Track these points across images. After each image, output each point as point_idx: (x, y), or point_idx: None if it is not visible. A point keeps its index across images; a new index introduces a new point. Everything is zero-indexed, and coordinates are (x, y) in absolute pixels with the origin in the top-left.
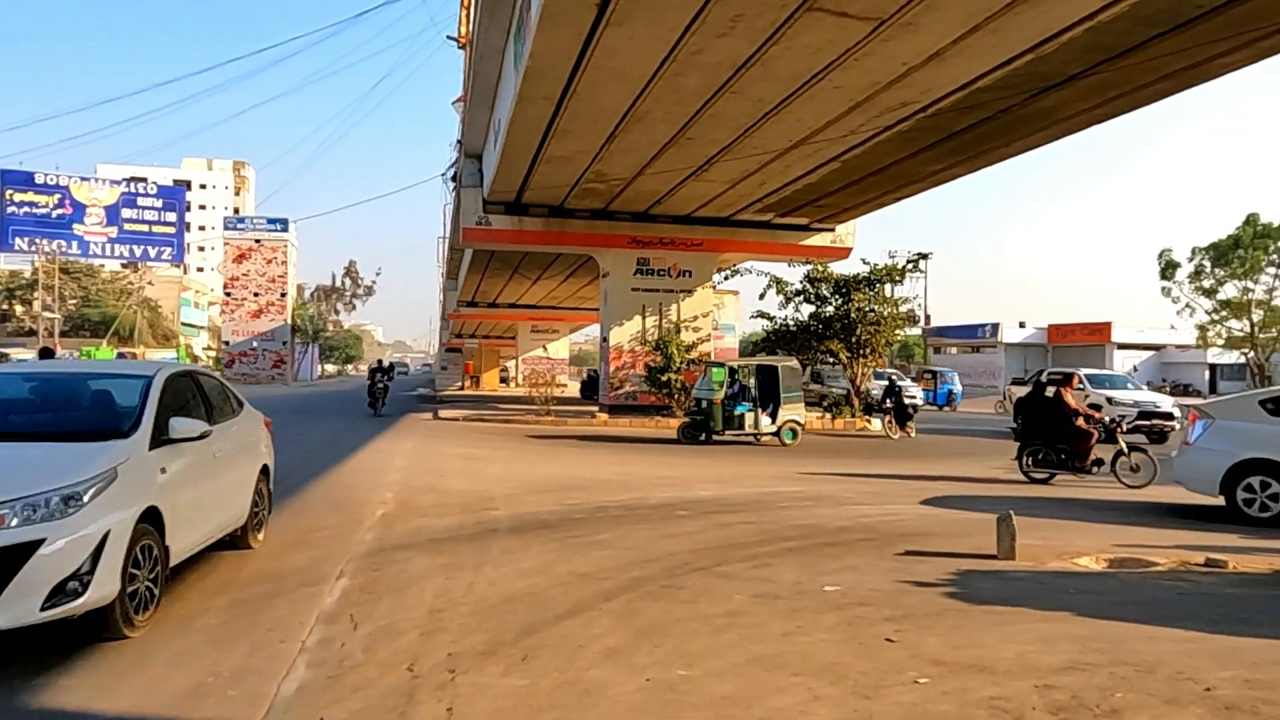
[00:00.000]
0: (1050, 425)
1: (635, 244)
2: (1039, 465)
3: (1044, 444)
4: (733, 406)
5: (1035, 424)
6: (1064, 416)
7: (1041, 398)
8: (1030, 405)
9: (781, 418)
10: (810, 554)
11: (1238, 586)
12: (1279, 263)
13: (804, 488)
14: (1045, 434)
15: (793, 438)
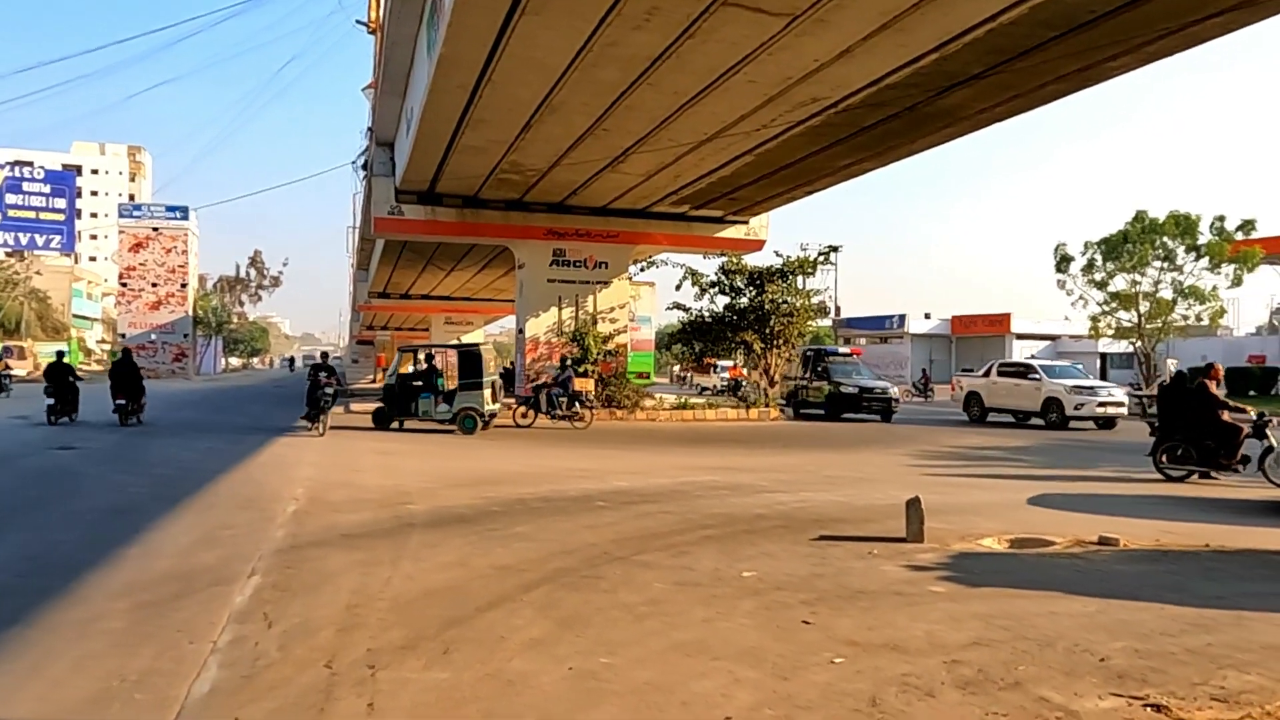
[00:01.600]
0: (1193, 420)
1: (551, 235)
2: (1177, 462)
3: (1185, 439)
4: (415, 393)
5: (1175, 418)
6: (1209, 410)
7: (1183, 391)
8: (1170, 398)
9: (457, 405)
10: (729, 542)
11: (1129, 562)
12: (1164, 257)
13: (721, 478)
14: (1187, 429)
15: (471, 426)
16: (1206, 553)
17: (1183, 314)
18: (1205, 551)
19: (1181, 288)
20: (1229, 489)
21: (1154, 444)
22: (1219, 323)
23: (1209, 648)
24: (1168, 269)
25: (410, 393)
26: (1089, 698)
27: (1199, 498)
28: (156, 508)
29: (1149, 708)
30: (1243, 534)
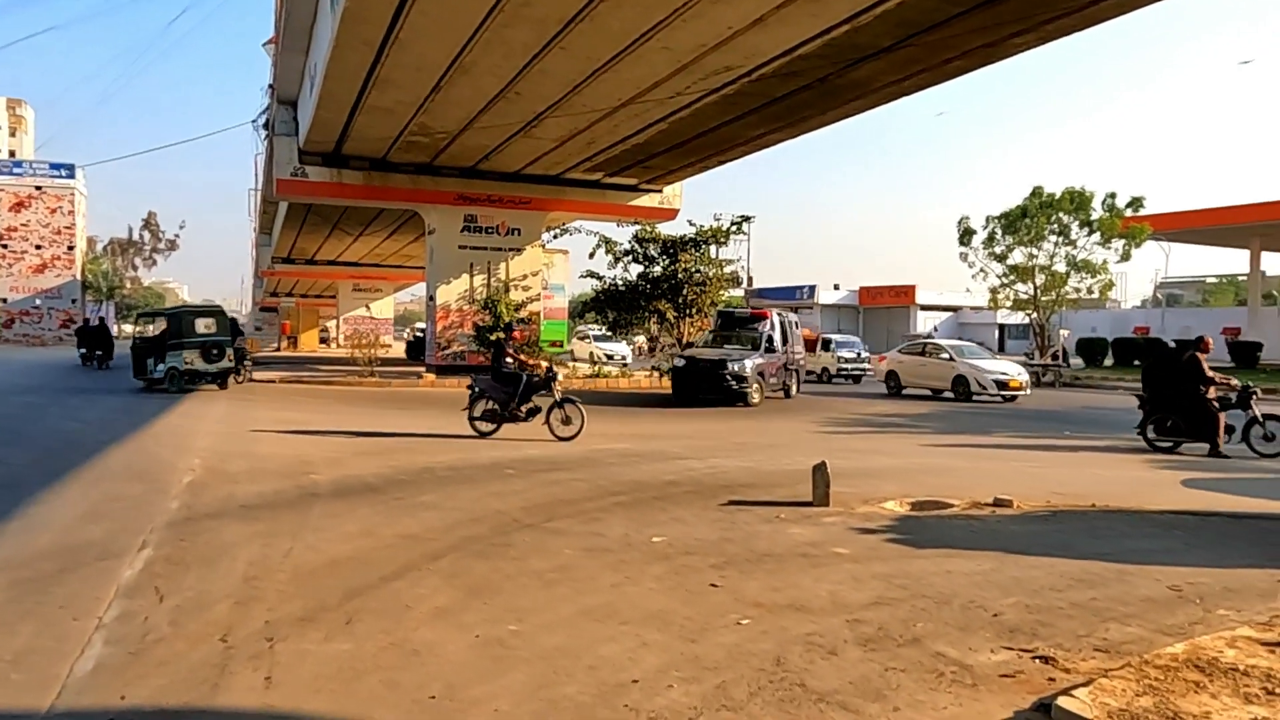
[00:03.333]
0: (1180, 392)
1: (462, 201)
2: (1166, 434)
3: (1172, 412)
4: (145, 356)
5: (1162, 391)
6: (1198, 383)
7: (1171, 363)
8: (1158, 371)
9: (167, 365)
10: (639, 508)
11: (1021, 523)
12: (1059, 231)
13: (633, 445)
14: (1173, 402)
15: (177, 385)
16: (1094, 512)
17: (1075, 287)
18: (1092, 511)
19: (1075, 261)
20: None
21: (1141, 417)
22: (1108, 296)
23: (1093, 601)
24: (1063, 243)
25: (142, 354)
26: (982, 652)
27: (1096, 454)
28: (38, 480)
29: (1038, 659)
30: (1131, 495)
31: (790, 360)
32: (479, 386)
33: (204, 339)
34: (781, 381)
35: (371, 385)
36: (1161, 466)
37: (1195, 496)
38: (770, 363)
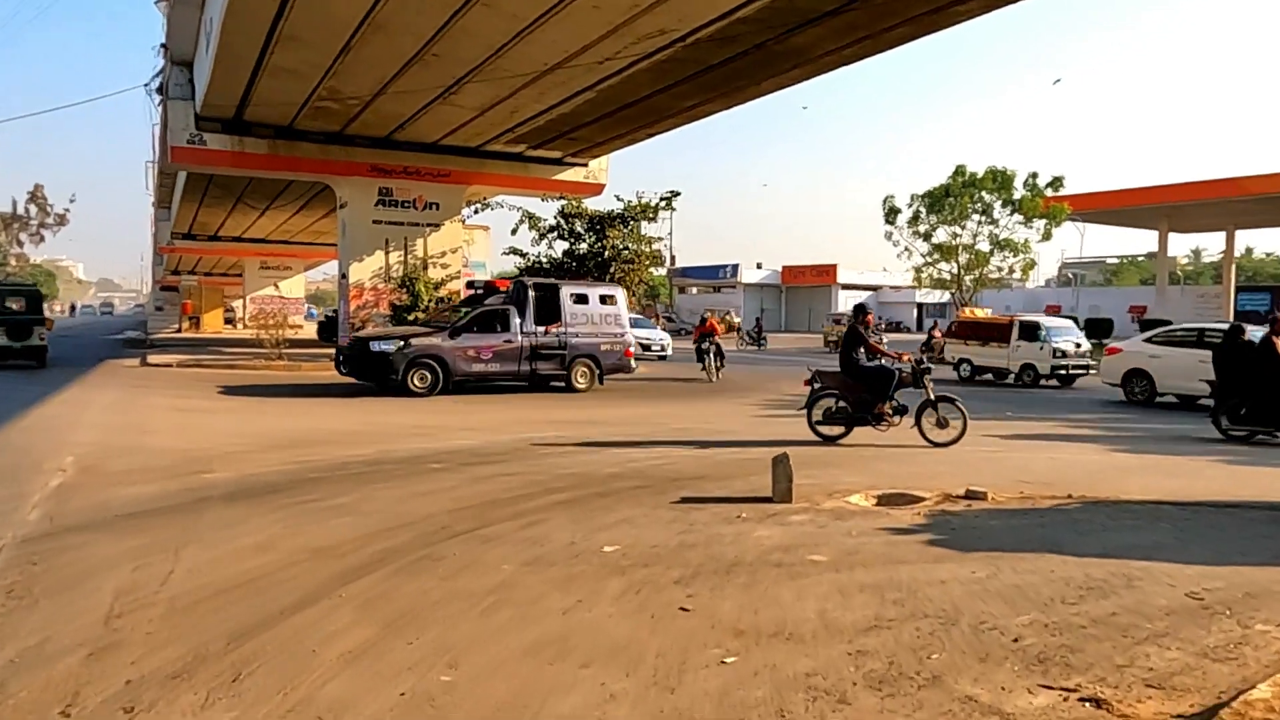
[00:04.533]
0: (1258, 377)
1: (376, 172)
2: (1240, 422)
3: (1247, 399)
4: None
5: (1236, 376)
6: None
7: (1243, 346)
8: (1232, 356)
9: None
10: (582, 507)
11: (1000, 517)
12: (982, 210)
13: (569, 432)
14: (1250, 387)
15: None
16: (1071, 504)
17: (998, 266)
18: (1070, 503)
19: (997, 240)
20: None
21: (1214, 405)
22: (1029, 274)
23: (1114, 617)
24: (985, 222)
25: None
26: (1018, 692)
27: (1045, 437)
28: None
29: (1086, 702)
30: (1097, 481)
31: (582, 341)
32: (823, 383)
33: (11, 317)
34: (534, 367)
35: (280, 369)
36: (1113, 449)
37: (1165, 484)
38: (485, 345)
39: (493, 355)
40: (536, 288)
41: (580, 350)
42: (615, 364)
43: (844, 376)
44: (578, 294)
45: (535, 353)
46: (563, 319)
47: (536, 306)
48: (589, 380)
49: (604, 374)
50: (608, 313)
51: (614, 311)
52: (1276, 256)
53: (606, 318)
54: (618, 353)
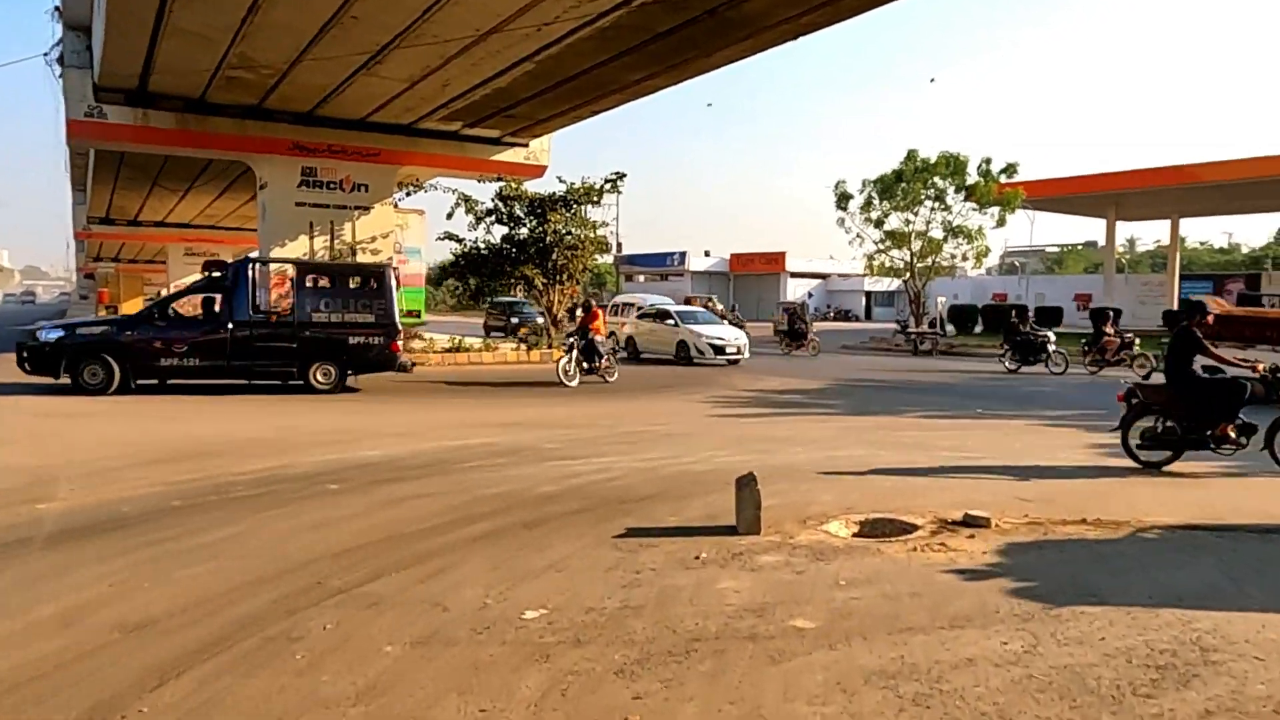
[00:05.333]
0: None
1: (299, 150)
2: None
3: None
4: None
5: None
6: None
7: None
8: None
9: None
10: (505, 543)
11: (1012, 554)
12: (935, 196)
13: (501, 438)
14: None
15: None
16: (1092, 535)
17: (951, 253)
18: (1090, 533)
19: (951, 227)
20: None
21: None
22: (982, 262)
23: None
24: (939, 209)
25: None
26: None
27: (1023, 438)
28: None
29: None
30: (1103, 496)
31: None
32: (1144, 398)
33: None
34: (252, 363)
35: None
36: (1102, 454)
37: (1175, 497)
38: (181, 336)
39: (190, 348)
40: (260, 267)
41: (321, 343)
42: (372, 360)
43: (1174, 391)
44: (320, 275)
45: (251, 346)
46: (297, 306)
47: (259, 290)
48: (331, 379)
49: (357, 371)
50: (364, 299)
51: (373, 298)
52: (1211, 245)
53: (361, 304)
54: (377, 346)
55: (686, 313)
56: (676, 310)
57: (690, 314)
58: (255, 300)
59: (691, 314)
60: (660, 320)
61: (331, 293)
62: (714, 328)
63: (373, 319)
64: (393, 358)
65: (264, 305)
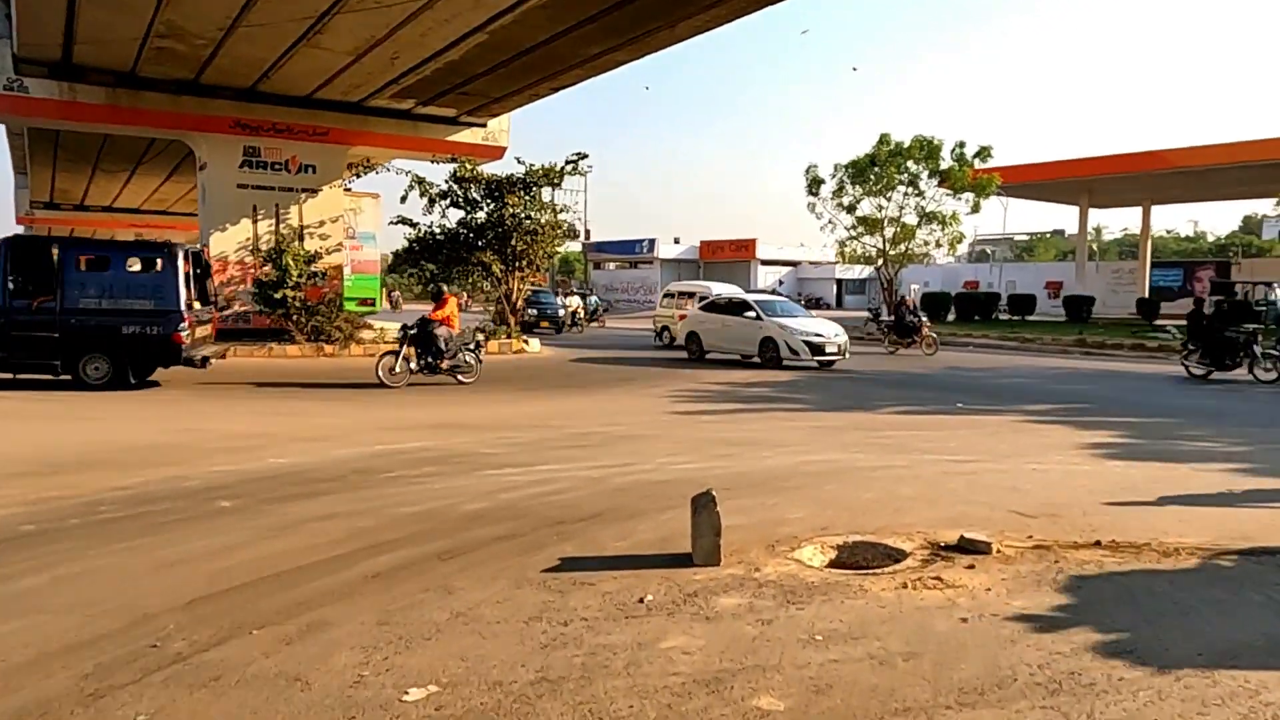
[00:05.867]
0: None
1: (241, 129)
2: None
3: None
4: None
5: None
6: None
7: None
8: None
9: None
10: (407, 583)
11: (1019, 591)
12: (909, 181)
13: (435, 441)
14: None
15: None
16: (1110, 562)
17: (925, 239)
18: (1108, 561)
19: (925, 212)
20: None
21: None
22: (956, 248)
23: None
24: (912, 194)
25: None
26: None
27: (1008, 436)
28: None
29: None
30: (1107, 508)
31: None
32: None
33: None
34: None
35: None
36: (1092, 452)
37: (1188, 509)
38: None
39: None
40: (16, 246)
41: (88, 333)
42: (152, 353)
43: None
44: (91, 255)
45: (6, 336)
46: (63, 290)
47: (14, 272)
48: (103, 373)
49: (136, 366)
50: (143, 283)
51: (155, 282)
52: (1177, 234)
53: (139, 289)
54: (155, 338)
55: (767, 303)
56: (757, 300)
57: (771, 304)
58: (11, 284)
59: (772, 304)
60: (735, 312)
61: (104, 276)
62: (806, 321)
63: (151, 305)
64: (175, 350)
65: (24, 290)
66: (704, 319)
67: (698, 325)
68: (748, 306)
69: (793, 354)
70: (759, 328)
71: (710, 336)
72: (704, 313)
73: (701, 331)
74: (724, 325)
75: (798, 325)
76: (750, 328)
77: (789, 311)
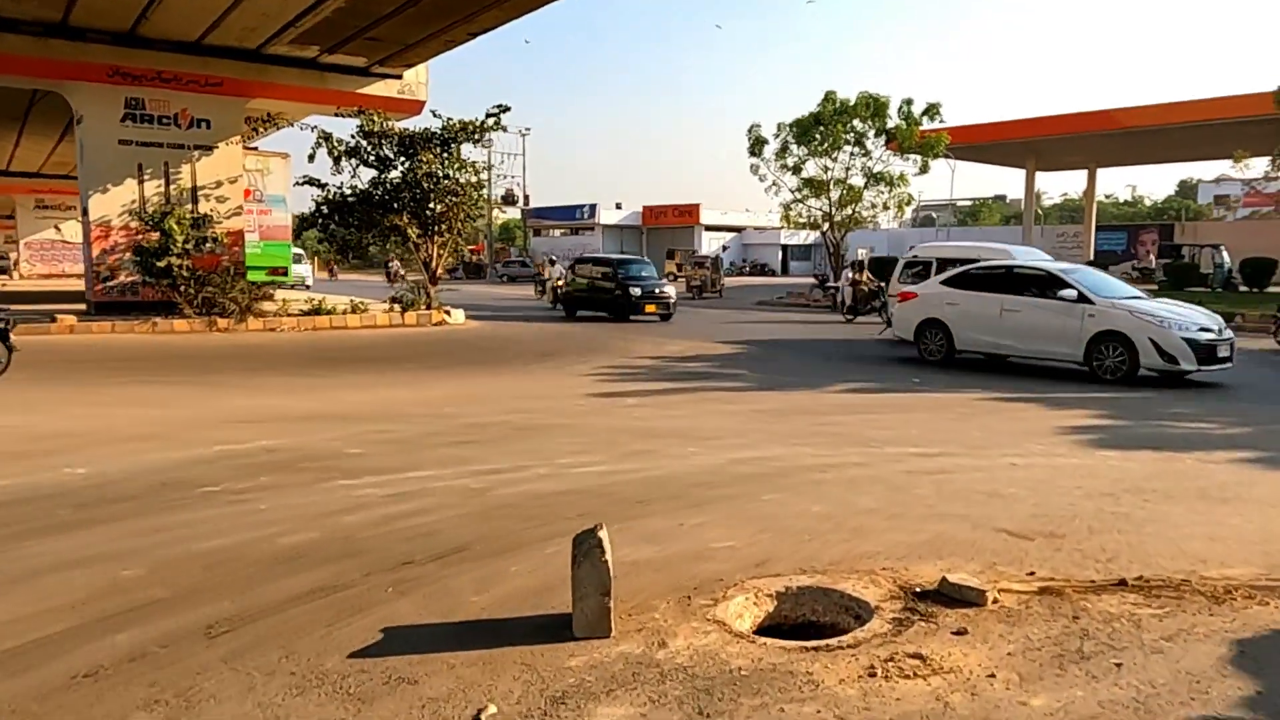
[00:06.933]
0: None
1: (121, 78)
2: None
3: None
4: None
5: None
6: None
7: None
8: None
9: None
10: (134, 683)
11: (1037, 678)
12: (855, 141)
13: (292, 440)
14: None
15: None
16: (1153, 627)
17: (872, 201)
18: (1149, 626)
19: (871, 173)
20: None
21: None
22: (904, 210)
23: None
24: (859, 154)
25: None
26: None
27: (973, 416)
28: None
29: None
30: (1125, 509)
31: None
32: None
33: None
34: None
35: None
36: (1074, 438)
37: (1219, 520)
38: None
39: None
40: None
41: None
42: None
43: None
44: None
45: None
46: None
47: None
48: None
49: None
50: None
51: None
52: (1116, 199)
53: None
54: None
55: (1084, 275)
56: (1068, 272)
57: (1088, 277)
58: None
59: (1088, 276)
60: (1029, 290)
61: None
62: (1168, 306)
63: None
64: None
65: None
66: (958, 299)
67: (943, 309)
68: (1058, 281)
69: (1166, 360)
70: (1086, 316)
71: (973, 327)
72: (956, 290)
73: (954, 319)
74: (1005, 311)
75: (1162, 312)
76: (1066, 316)
77: (1114, 291)
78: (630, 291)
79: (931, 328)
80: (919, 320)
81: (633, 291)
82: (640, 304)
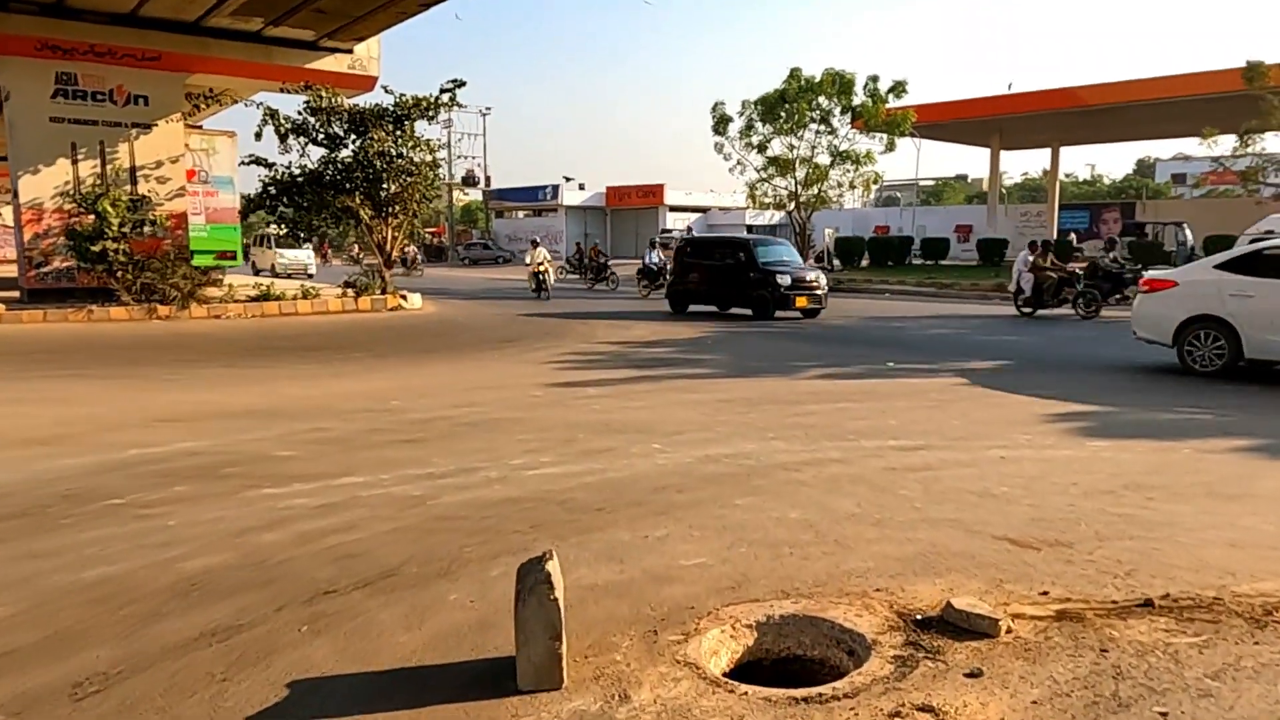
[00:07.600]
0: None
1: (51, 51)
2: None
3: None
4: None
5: None
6: None
7: None
8: None
9: None
10: None
11: (1057, 715)
12: (821, 119)
13: (218, 440)
14: None
15: None
16: (1193, 659)
17: (838, 180)
18: (1188, 659)
19: (837, 151)
20: None
21: None
22: (870, 189)
23: None
24: (824, 132)
25: None
26: None
27: (955, 402)
28: None
29: None
30: (1132, 510)
31: None
32: None
33: None
34: None
35: None
36: (1063, 427)
37: (1233, 521)
38: None
39: None
40: None
41: None
42: None
43: None
44: None
45: None
46: None
47: None
48: None
49: None
50: None
51: None
52: (1075, 178)
53: None
54: None
55: None
56: None
57: None
58: None
59: None
60: None
61: None
62: None
63: None
64: None
65: None
66: (1250, 289)
67: (1224, 303)
68: None
69: None
70: None
71: (1274, 328)
72: (1245, 277)
73: (1243, 316)
74: None
75: None
76: None
77: None
78: (778, 281)
79: (1204, 328)
80: (1183, 318)
81: (780, 281)
82: (790, 297)
